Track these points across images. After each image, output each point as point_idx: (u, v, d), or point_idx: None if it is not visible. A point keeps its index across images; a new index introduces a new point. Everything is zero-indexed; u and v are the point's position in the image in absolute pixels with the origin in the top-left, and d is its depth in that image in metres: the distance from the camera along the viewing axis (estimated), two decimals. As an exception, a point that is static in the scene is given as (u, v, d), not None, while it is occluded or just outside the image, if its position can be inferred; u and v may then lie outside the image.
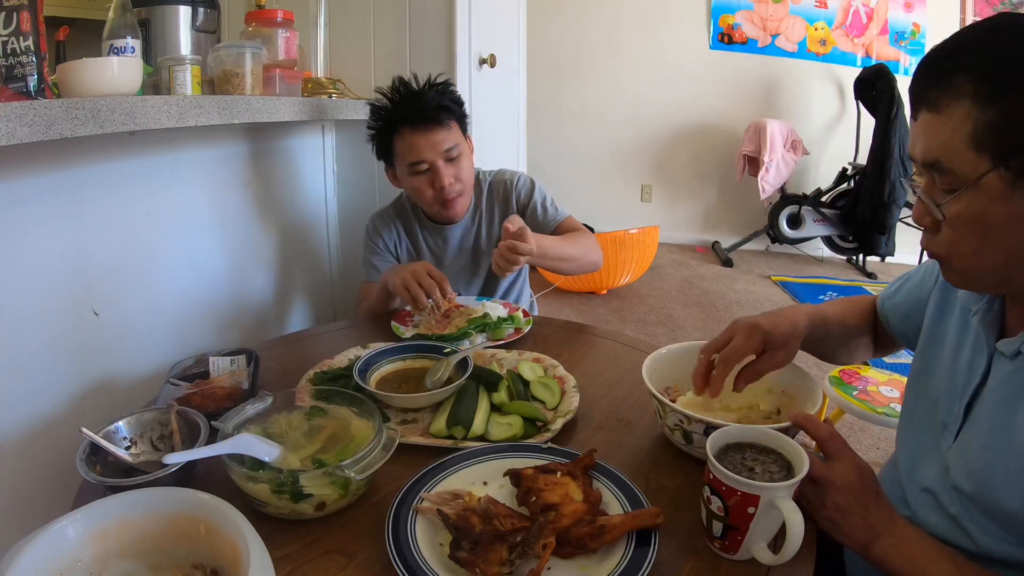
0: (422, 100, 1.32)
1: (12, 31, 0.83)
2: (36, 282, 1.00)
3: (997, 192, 0.57)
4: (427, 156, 1.33)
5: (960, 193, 0.60)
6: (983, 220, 0.60)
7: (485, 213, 1.49)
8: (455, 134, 1.36)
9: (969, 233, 0.61)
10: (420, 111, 1.32)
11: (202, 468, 0.78)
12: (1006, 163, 0.56)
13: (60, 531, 0.55)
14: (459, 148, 1.36)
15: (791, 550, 0.60)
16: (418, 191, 1.39)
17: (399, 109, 1.34)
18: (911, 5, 4.16)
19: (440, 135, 1.33)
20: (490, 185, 1.51)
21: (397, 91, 1.35)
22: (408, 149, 1.33)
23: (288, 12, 1.55)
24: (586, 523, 0.66)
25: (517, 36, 2.35)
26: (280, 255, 1.70)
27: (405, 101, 1.34)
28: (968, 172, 0.58)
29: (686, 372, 0.89)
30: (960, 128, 0.58)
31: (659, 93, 4.49)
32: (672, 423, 0.82)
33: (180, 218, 1.32)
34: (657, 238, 3.55)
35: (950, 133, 0.58)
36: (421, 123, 1.32)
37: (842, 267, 4.24)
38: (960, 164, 0.58)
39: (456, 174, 1.36)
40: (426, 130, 1.32)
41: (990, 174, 0.57)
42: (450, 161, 1.35)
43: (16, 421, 0.98)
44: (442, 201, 1.38)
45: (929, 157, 0.61)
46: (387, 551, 0.64)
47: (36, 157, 0.97)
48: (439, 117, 1.33)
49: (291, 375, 1.03)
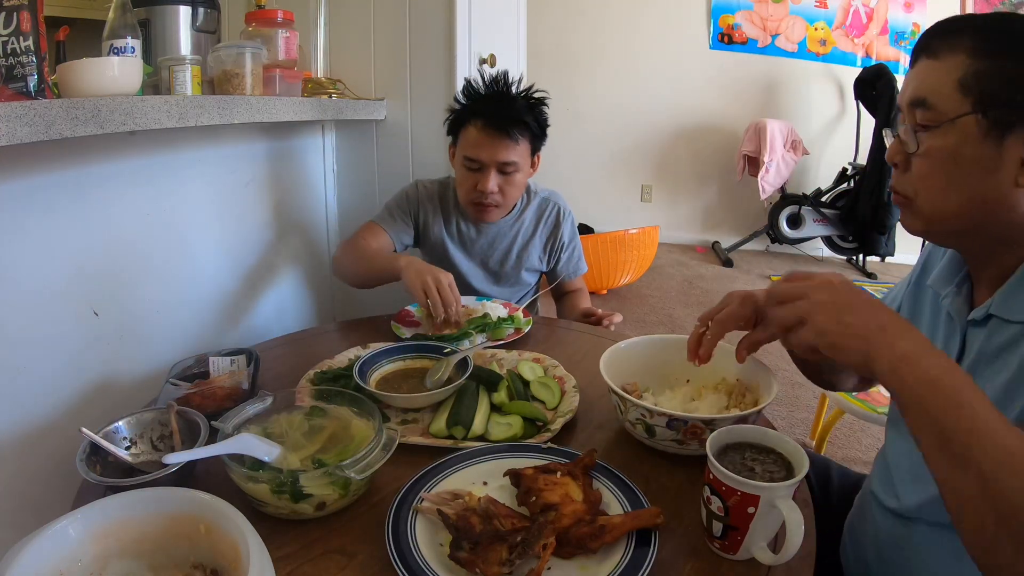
0: (508, 107, 1.33)
1: (12, 31, 0.83)
2: (36, 282, 1.00)
3: (971, 134, 0.63)
4: (483, 158, 1.33)
5: (938, 128, 0.65)
6: (953, 157, 0.65)
7: (528, 225, 1.51)
8: (520, 151, 1.35)
9: (938, 168, 0.66)
10: (500, 116, 1.32)
11: (202, 468, 0.78)
12: (984, 111, 0.62)
13: (60, 531, 0.55)
14: (517, 166, 1.36)
15: (791, 550, 0.60)
16: (462, 183, 1.41)
17: (484, 103, 1.34)
18: (911, 5, 4.16)
19: (506, 146, 1.32)
20: (541, 200, 1.53)
21: (495, 84, 1.36)
22: (472, 144, 1.34)
23: (288, 12, 1.55)
24: (586, 523, 0.66)
25: (517, 36, 2.34)
26: (280, 255, 1.69)
27: (493, 98, 1.34)
28: (949, 110, 0.64)
29: (647, 368, 0.93)
30: (952, 72, 0.64)
31: (659, 93, 4.49)
32: (633, 418, 0.82)
33: (180, 218, 1.31)
34: (657, 238, 3.55)
35: (942, 75, 0.65)
36: (494, 127, 1.32)
37: (842, 267, 4.24)
38: (944, 102, 0.64)
39: (503, 186, 1.37)
40: (495, 135, 1.32)
41: (968, 116, 0.63)
42: (503, 173, 1.36)
43: (16, 421, 0.98)
44: (477, 203, 1.39)
45: (918, 94, 0.67)
46: (387, 551, 0.64)
47: (36, 157, 0.97)
48: (513, 131, 1.32)
49: (291, 375, 1.03)
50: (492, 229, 1.49)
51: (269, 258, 1.65)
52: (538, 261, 1.55)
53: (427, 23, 1.76)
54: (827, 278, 0.65)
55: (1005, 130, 0.61)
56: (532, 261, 1.53)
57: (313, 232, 1.86)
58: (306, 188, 1.82)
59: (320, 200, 1.88)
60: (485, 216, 1.42)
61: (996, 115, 0.62)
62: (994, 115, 0.62)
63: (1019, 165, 0.62)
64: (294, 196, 1.76)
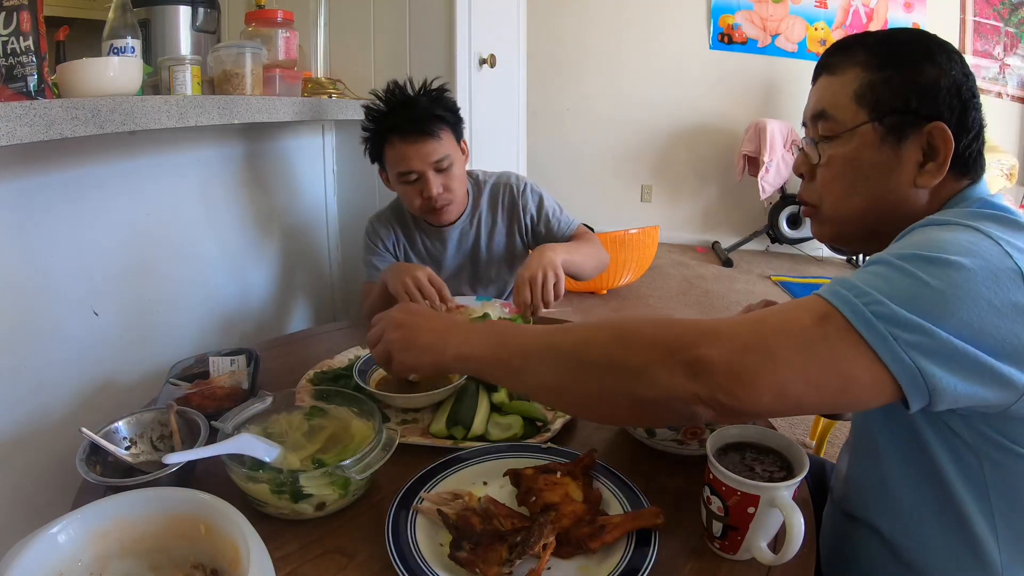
0: (414, 109, 1.30)
1: (12, 31, 0.83)
2: (36, 282, 1.00)
3: (869, 141, 0.68)
4: (416, 167, 1.31)
5: (839, 138, 0.70)
6: (854, 163, 0.70)
7: (486, 216, 1.48)
8: (446, 144, 1.33)
9: (841, 174, 0.71)
10: (411, 122, 1.29)
11: (202, 468, 0.78)
12: (880, 119, 0.67)
13: (60, 531, 0.55)
14: (450, 159, 1.33)
15: (791, 550, 0.60)
16: (407, 199, 1.38)
17: (390, 117, 1.31)
18: (911, 5, 4.16)
19: (430, 146, 1.30)
20: (492, 187, 1.49)
21: (391, 96, 1.32)
22: (398, 159, 1.31)
23: (288, 12, 1.55)
24: (586, 523, 0.66)
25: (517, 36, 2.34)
26: (280, 255, 1.69)
27: (397, 109, 1.31)
28: (848, 120, 0.69)
29: None
30: (848, 85, 0.69)
31: (659, 93, 4.49)
32: None
33: (180, 218, 1.31)
34: (657, 238, 3.55)
35: (839, 89, 0.70)
36: (412, 133, 1.29)
37: (842, 267, 4.24)
38: (842, 113, 0.70)
39: (446, 183, 1.34)
40: (416, 140, 1.29)
41: (865, 125, 0.68)
42: (440, 172, 1.33)
43: (16, 421, 0.98)
44: (430, 210, 1.37)
45: (819, 107, 0.72)
46: (387, 551, 0.64)
47: (36, 157, 0.97)
48: (430, 128, 1.29)
49: (291, 375, 1.03)
50: (454, 234, 1.46)
51: (269, 258, 1.65)
52: (518, 245, 1.50)
53: (427, 23, 1.76)
54: (391, 317, 0.75)
55: (900, 135, 0.67)
56: (508, 249, 1.50)
57: (313, 232, 1.86)
58: (306, 188, 1.82)
59: (320, 200, 1.88)
60: (444, 217, 1.40)
61: (891, 122, 0.67)
62: (889, 122, 0.67)
63: (916, 166, 0.67)
64: (294, 196, 1.76)
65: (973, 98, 0.67)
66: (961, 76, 0.67)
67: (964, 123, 0.66)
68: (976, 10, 4.01)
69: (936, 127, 0.65)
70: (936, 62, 0.66)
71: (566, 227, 1.48)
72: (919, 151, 0.66)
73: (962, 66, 0.67)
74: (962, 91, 0.66)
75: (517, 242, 1.50)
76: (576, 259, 1.35)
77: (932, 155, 0.66)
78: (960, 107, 0.66)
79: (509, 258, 1.51)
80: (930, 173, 0.66)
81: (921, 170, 0.67)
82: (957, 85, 0.66)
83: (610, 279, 3.50)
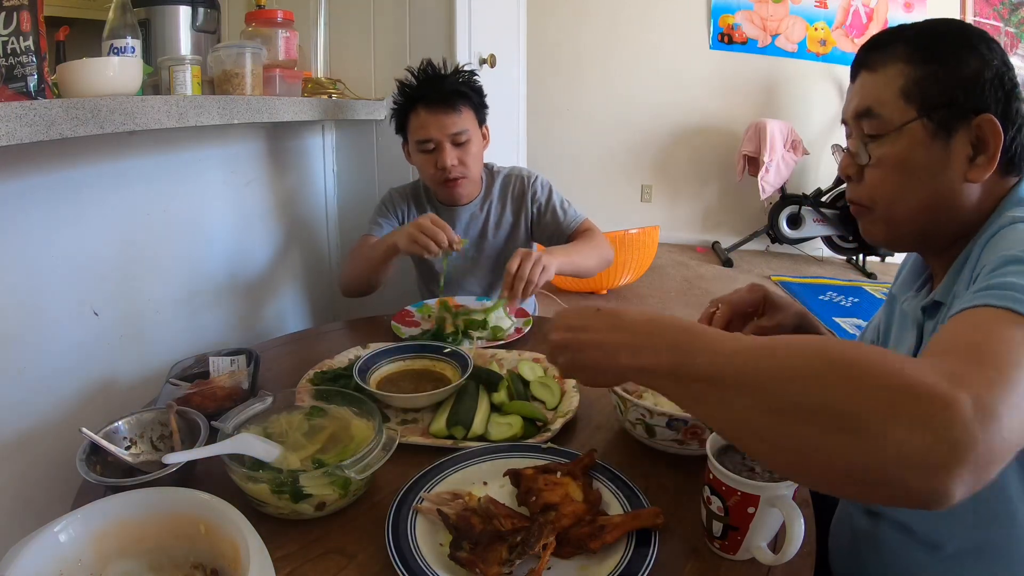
0: (442, 83, 1.38)
1: (12, 31, 0.83)
2: (36, 282, 1.00)
3: (919, 139, 0.66)
4: (434, 135, 1.37)
5: (886, 137, 0.68)
6: (905, 162, 0.68)
7: (496, 203, 1.52)
8: (466, 119, 1.39)
9: (891, 174, 0.69)
10: (437, 92, 1.37)
11: (202, 468, 0.78)
12: (929, 115, 0.65)
13: (60, 531, 0.55)
14: (468, 134, 1.39)
15: (791, 550, 0.60)
16: (422, 168, 1.44)
17: (419, 88, 1.39)
18: (911, 5, 4.15)
19: (451, 118, 1.37)
20: (504, 177, 1.54)
21: (424, 71, 1.40)
22: (419, 126, 1.39)
23: (288, 12, 1.55)
24: (586, 523, 0.66)
25: (517, 36, 2.34)
26: (280, 255, 1.69)
27: (426, 82, 1.39)
28: (896, 118, 0.67)
29: None
30: (893, 82, 0.67)
31: (659, 93, 4.49)
32: (633, 418, 0.82)
33: (180, 218, 1.31)
34: (657, 238, 3.55)
35: (884, 85, 0.68)
36: (435, 103, 1.37)
37: (842, 267, 4.24)
38: (889, 111, 0.67)
39: (461, 157, 1.39)
40: (438, 111, 1.37)
41: (914, 122, 0.66)
42: (457, 145, 1.39)
43: (16, 421, 0.98)
44: (443, 180, 1.41)
45: (863, 106, 0.70)
46: (387, 551, 0.64)
47: (36, 157, 0.97)
48: (453, 101, 1.37)
49: (291, 375, 1.03)
50: (464, 215, 1.50)
51: (269, 258, 1.65)
52: (522, 235, 1.53)
53: (427, 23, 1.76)
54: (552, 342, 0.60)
55: (949, 130, 0.65)
56: (513, 238, 1.53)
57: (313, 232, 1.86)
58: (306, 188, 1.82)
59: (320, 200, 1.88)
60: (457, 192, 1.44)
61: (939, 117, 0.65)
62: (937, 117, 0.65)
63: (966, 161, 0.65)
64: (294, 196, 1.76)
65: (1015, 88, 0.65)
66: (1003, 66, 0.65)
67: (1008, 114, 0.65)
68: (976, 10, 4.01)
69: (985, 119, 0.64)
70: (978, 52, 0.65)
71: (572, 220, 1.52)
72: (968, 145, 0.65)
73: (1002, 56, 0.66)
74: (1004, 81, 0.65)
75: (522, 232, 1.54)
76: (575, 259, 1.37)
77: (982, 148, 0.65)
78: (1004, 98, 0.65)
79: (512, 247, 1.53)
80: (981, 167, 0.65)
81: (972, 164, 0.65)
82: (999, 75, 0.65)
83: (610, 279, 3.50)
